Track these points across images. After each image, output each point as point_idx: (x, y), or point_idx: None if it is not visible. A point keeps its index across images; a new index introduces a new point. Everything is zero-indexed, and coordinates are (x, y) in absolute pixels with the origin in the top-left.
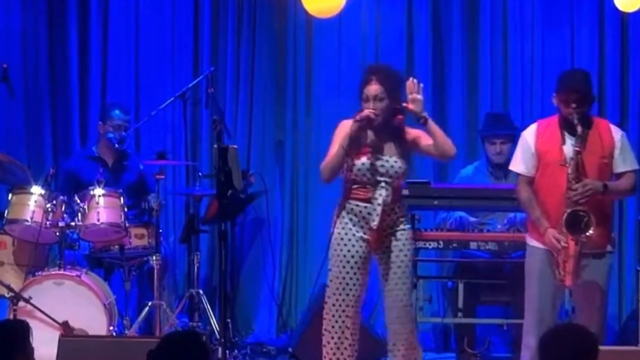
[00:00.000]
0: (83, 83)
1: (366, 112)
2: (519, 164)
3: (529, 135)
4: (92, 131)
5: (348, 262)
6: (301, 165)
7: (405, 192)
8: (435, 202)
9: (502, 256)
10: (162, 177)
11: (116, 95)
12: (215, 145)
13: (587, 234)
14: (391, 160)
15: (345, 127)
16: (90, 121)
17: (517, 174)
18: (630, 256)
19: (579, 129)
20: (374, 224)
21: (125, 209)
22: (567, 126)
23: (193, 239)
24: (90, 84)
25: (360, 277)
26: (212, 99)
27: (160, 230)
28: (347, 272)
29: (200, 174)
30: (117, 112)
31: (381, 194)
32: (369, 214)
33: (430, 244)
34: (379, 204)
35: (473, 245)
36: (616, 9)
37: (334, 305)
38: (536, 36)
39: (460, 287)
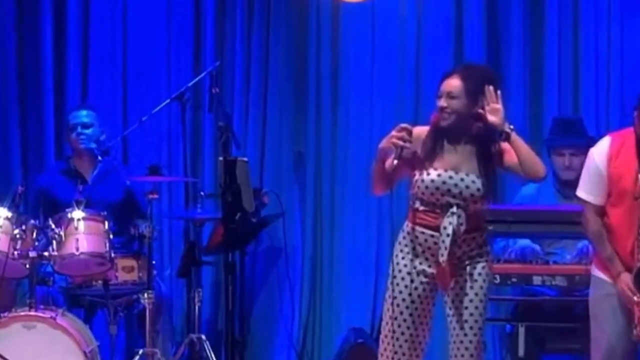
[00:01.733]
0: (59, 84)
1: (397, 135)
2: (586, 190)
3: (598, 154)
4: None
5: (404, 300)
6: (326, 183)
7: None
8: (491, 227)
9: (572, 293)
10: (156, 196)
11: (99, 97)
12: (221, 158)
13: None
14: (467, 179)
15: (418, 137)
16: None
17: (584, 202)
18: None
19: None
20: (442, 258)
21: (111, 236)
22: None
23: (193, 272)
24: (67, 85)
25: (419, 320)
26: (216, 100)
27: (154, 262)
28: (401, 314)
29: (202, 193)
30: (73, 112)
31: (452, 222)
32: (435, 243)
33: None
34: (447, 235)
35: (537, 280)
36: None
37: (385, 351)
38: (613, 24)
39: (521, 331)
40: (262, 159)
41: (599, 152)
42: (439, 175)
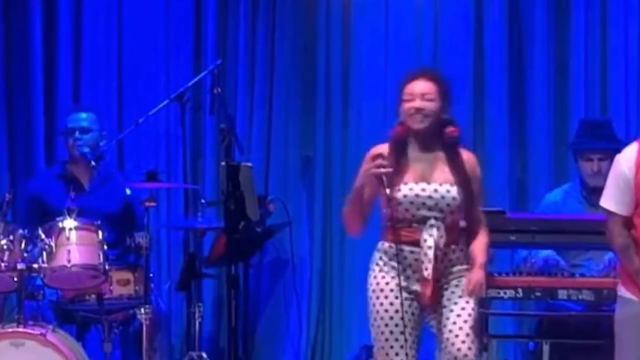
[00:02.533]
0: (49, 84)
1: (376, 163)
2: (614, 200)
3: (626, 162)
4: (62, 146)
5: (392, 318)
6: (335, 189)
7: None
8: (513, 238)
9: (600, 308)
10: (153, 204)
11: (92, 97)
12: (223, 163)
13: None
14: (441, 189)
15: (375, 154)
16: (58, 133)
17: (609, 213)
18: None
19: None
20: (427, 272)
21: (105, 247)
22: None
23: (194, 285)
24: (58, 83)
25: (409, 338)
26: (218, 101)
27: (151, 275)
28: (391, 334)
29: (203, 200)
30: (71, 114)
31: (432, 234)
32: (416, 260)
33: (505, 293)
34: (429, 247)
35: (562, 294)
36: None
37: None
38: None
39: (546, 349)
40: (268, 164)
41: (626, 158)
42: (410, 189)
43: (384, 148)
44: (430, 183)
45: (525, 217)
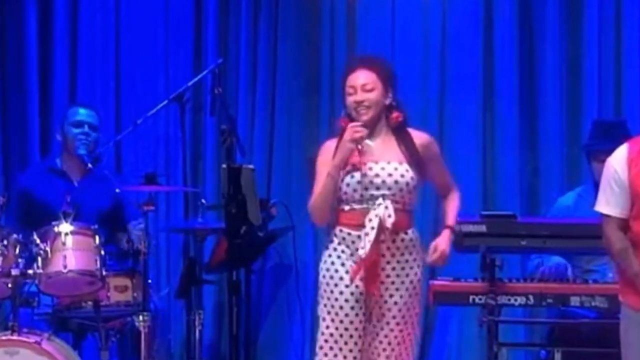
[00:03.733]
0: (45, 83)
1: (353, 130)
2: (608, 203)
3: (617, 163)
4: (57, 145)
5: (334, 303)
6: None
7: (481, 229)
8: (524, 243)
9: (614, 316)
10: (152, 208)
11: (89, 97)
12: (224, 165)
13: None
14: (389, 166)
15: (330, 151)
16: (54, 135)
17: (605, 216)
18: None
19: None
20: (363, 251)
21: (102, 252)
22: None
23: (194, 292)
24: (54, 82)
25: (357, 326)
26: (219, 102)
27: (150, 281)
28: (341, 322)
29: (203, 203)
30: (78, 108)
31: (377, 214)
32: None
33: (516, 299)
34: (372, 227)
35: (575, 300)
36: None
37: None
38: None
39: (558, 357)
40: (270, 167)
41: (617, 159)
42: (357, 169)
43: (333, 142)
44: (377, 163)
45: (537, 221)
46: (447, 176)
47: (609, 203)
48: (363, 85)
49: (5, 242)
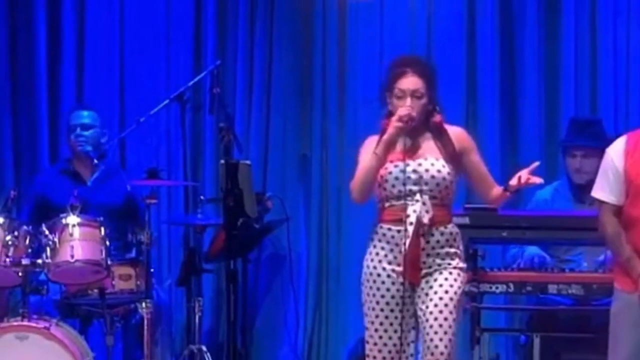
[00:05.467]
0: (53, 83)
1: (405, 109)
2: (603, 189)
3: (615, 153)
4: (65, 144)
5: (378, 303)
6: (332, 187)
7: (464, 221)
8: (504, 234)
9: (589, 303)
10: (154, 201)
11: (95, 97)
12: (222, 161)
13: None
14: (426, 162)
15: (374, 142)
16: (62, 132)
17: (600, 202)
18: None
19: None
20: (405, 247)
21: (107, 243)
22: None
23: (193, 280)
24: (61, 83)
25: (402, 322)
26: (218, 101)
27: (152, 270)
28: (384, 318)
29: (202, 197)
30: (74, 112)
31: (415, 210)
32: (402, 238)
33: (497, 287)
34: (410, 223)
35: (552, 288)
36: None
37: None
38: (633, 19)
39: (536, 342)
40: (265, 162)
41: (615, 150)
42: (395, 165)
43: (375, 137)
44: (414, 159)
45: (517, 213)
46: (484, 167)
47: (604, 190)
48: (413, 91)
49: (15, 233)
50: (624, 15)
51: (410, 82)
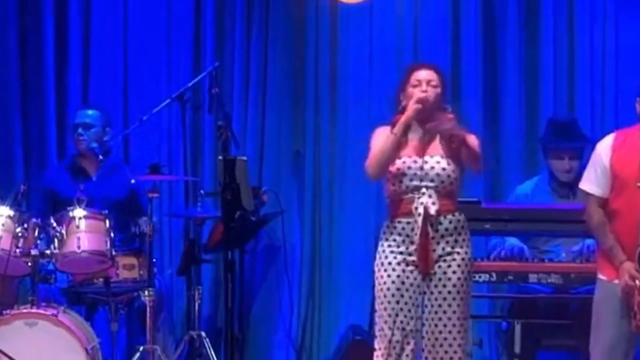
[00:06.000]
0: (60, 83)
1: (423, 93)
2: (590, 182)
3: (603, 148)
4: (72, 141)
5: (391, 286)
6: (324, 181)
7: None
8: (487, 226)
9: (567, 291)
10: (156, 195)
11: (100, 96)
12: (221, 157)
13: None
14: (432, 160)
15: (385, 132)
16: (69, 130)
17: (587, 194)
18: None
19: None
20: (416, 237)
21: (112, 234)
22: None
23: (193, 270)
24: (68, 84)
25: (412, 309)
26: (216, 101)
27: (154, 260)
28: (397, 303)
29: (202, 191)
30: (82, 110)
31: (422, 202)
32: (412, 229)
33: (480, 277)
34: (419, 214)
35: (533, 277)
36: None
37: (386, 348)
38: (609, 25)
39: (517, 328)
40: (261, 158)
41: (604, 145)
42: (403, 162)
43: (385, 129)
44: (422, 156)
45: (499, 207)
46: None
47: (592, 183)
48: (429, 81)
49: (25, 225)
50: (599, 20)
51: (426, 73)
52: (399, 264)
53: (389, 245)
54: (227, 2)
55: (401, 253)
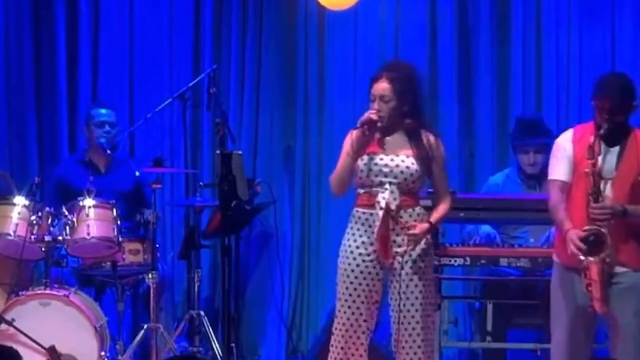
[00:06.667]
0: (72, 83)
1: (367, 114)
2: (555, 170)
3: (564, 141)
4: (82, 136)
5: (350, 274)
6: (313, 174)
7: (427, 203)
8: (462, 214)
9: (535, 274)
10: (159, 186)
11: (108, 95)
12: (218, 151)
13: (602, 256)
14: (397, 159)
15: (350, 140)
16: (79, 125)
17: (552, 181)
18: None
19: (601, 142)
20: (376, 228)
21: (119, 222)
22: (603, 135)
23: (193, 254)
24: (79, 83)
25: (368, 295)
26: (214, 100)
27: (157, 246)
28: (355, 290)
29: (201, 183)
30: (99, 109)
31: (384, 197)
32: (374, 221)
33: (455, 261)
34: (381, 208)
35: (503, 261)
36: None
37: (341, 328)
38: (573, 31)
39: (489, 308)
40: (255, 152)
41: (565, 138)
42: (370, 158)
43: (357, 132)
44: (388, 155)
45: (472, 197)
46: (444, 180)
47: (557, 170)
48: (381, 96)
49: (39, 213)
50: (564, 27)
51: (379, 87)
52: (360, 253)
53: (353, 234)
54: (224, 10)
55: (363, 242)
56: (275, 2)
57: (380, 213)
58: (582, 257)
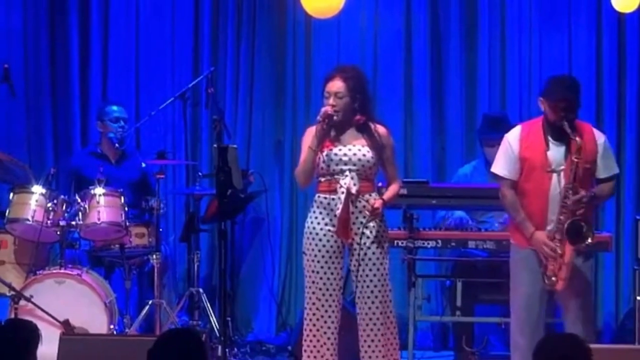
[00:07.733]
0: (84, 83)
1: (324, 109)
2: (502, 167)
3: (512, 139)
4: (93, 131)
5: (317, 253)
6: None
7: (403, 191)
8: (434, 202)
9: (499, 255)
10: (162, 176)
11: (117, 94)
12: (215, 145)
13: (587, 242)
14: (354, 148)
15: (312, 133)
16: (91, 121)
17: (499, 177)
18: (628, 255)
19: (578, 139)
20: (338, 211)
21: (126, 208)
22: (551, 131)
23: (193, 238)
24: (90, 83)
25: (334, 271)
26: (212, 99)
27: (161, 230)
28: (322, 267)
29: (200, 173)
30: (112, 107)
31: (345, 182)
32: (336, 205)
33: (428, 243)
34: (342, 192)
35: (471, 244)
36: (614, 10)
37: (311, 300)
38: (534, 38)
39: (459, 285)
40: (249, 146)
41: (513, 136)
42: (330, 149)
43: (312, 129)
44: (345, 145)
45: (443, 185)
46: (394, 167)
47: (503, 168)
48: (336, 93)
49: (55, 201)
50: (526, 32)
51: (333, 85)
52: (324, 233)
53: (316, 217)
54: (221, 18)
55: (326, 224)
56: (266, 11)
57: (342, 196)
58: (559, 251)
